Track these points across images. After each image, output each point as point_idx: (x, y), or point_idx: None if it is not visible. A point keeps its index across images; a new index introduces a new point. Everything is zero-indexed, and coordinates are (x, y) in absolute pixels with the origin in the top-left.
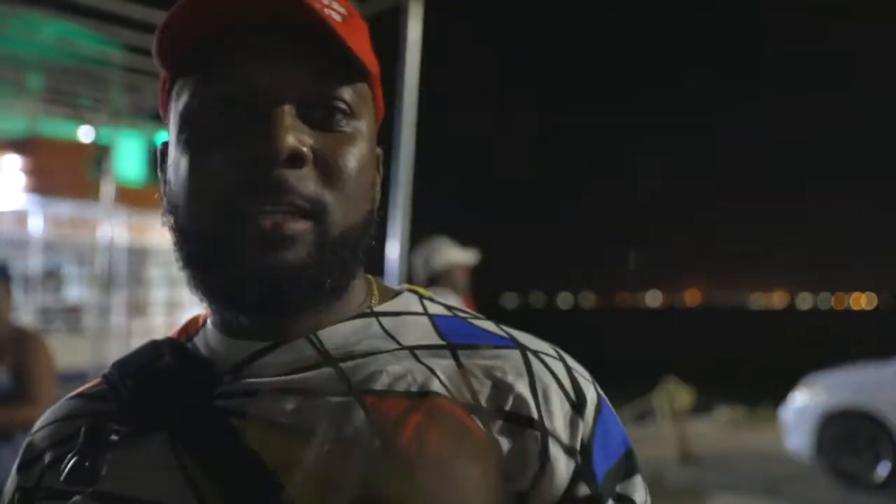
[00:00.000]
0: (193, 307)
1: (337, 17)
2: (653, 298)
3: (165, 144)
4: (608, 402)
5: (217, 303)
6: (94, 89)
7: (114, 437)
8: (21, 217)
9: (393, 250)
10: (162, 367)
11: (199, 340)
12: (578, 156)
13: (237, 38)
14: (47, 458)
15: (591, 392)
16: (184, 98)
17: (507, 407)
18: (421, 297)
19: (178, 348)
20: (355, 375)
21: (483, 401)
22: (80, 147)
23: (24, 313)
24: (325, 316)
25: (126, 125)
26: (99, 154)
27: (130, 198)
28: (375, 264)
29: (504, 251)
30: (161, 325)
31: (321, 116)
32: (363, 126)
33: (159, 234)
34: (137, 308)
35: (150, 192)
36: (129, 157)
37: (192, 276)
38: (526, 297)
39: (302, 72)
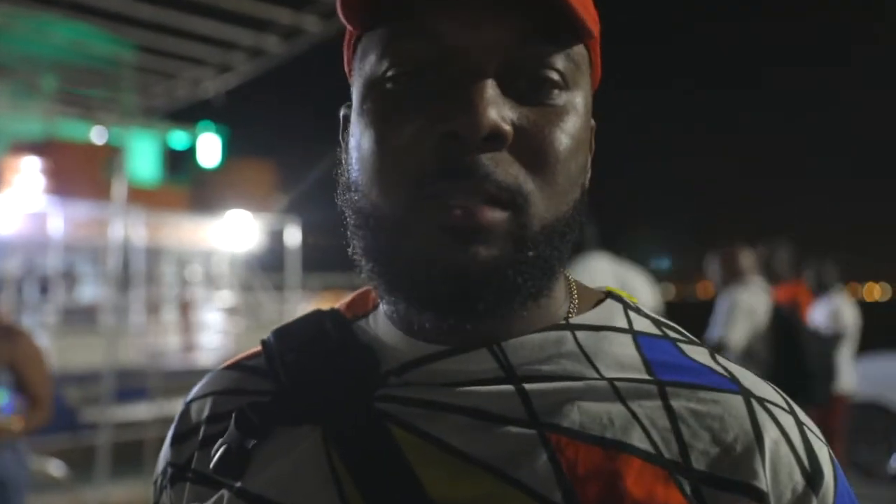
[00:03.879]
0: (205, 306)
1: None
2: (665, 291)
3: (349, 109)
4: (841, 469)
5: (397, 299)
6: (106, 89)
7: (265, 427)
8: (40, 218)
9: None
10: (324, 348)
11: (367, 324)
12: None
13: None
14: (200, 434)
15: (824, 456)
16: (370, 59)
17: (724, 472)
18: (626, 306)
19: (344, 330)
20: (539, 402)
21: (694, 460)
22: (95, 147)
23: (45, 314)
24: (515, 323)
25: (138, 125)
26: (112, 154)
27: (144, 198)
28: None
29: None
30: (174, 321)
31: (528, 87)
32: (577, 98)
33: (174, 234)
34: (152, 306)
35: (163, 193)
36: (142, 158)
37: (371, 267)
38: None
39: (507, 32)
